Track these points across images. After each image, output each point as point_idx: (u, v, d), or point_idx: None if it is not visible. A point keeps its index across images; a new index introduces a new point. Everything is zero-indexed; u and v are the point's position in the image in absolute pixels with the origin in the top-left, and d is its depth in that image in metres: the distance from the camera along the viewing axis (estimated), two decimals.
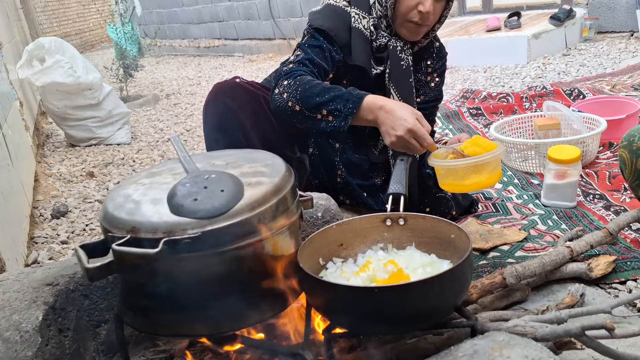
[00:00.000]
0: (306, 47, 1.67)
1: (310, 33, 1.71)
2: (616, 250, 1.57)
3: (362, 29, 1.72)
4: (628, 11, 4.97)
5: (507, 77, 4.41)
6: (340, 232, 1.30)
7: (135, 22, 10.04)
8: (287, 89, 1.54)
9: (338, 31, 1.70)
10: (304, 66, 1.62)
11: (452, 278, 1.03)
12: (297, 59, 1.64)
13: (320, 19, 1.72)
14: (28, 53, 3.78)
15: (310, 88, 1.52)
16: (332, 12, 1.73)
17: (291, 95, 1.53)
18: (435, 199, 1.89)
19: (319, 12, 1.75)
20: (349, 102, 1.48)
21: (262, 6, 8.26)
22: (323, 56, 1.67)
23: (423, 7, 1.61)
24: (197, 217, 1.01)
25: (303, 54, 1.65)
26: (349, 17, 1.72)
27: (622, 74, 3.74)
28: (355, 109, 1.48)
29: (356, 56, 1.71)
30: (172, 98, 5.69)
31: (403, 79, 1.76)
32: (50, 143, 4.28)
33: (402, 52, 1.75)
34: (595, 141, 2.29)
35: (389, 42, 1.73)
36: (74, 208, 2.79)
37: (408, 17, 1.66)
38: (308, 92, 1.52)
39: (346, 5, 1.74)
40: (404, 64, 1.76)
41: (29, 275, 1.36)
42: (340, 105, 1.48)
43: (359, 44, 1.72)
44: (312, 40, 1.69)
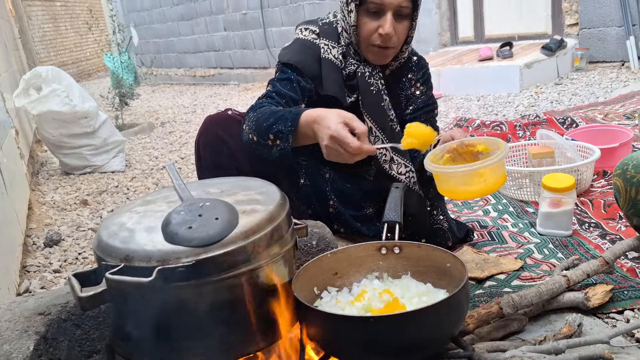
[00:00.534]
0: (274, 82, 1.70)
1: (279, 69, 1.73)
2: (613, 279, 1.56)
3: (332, 59, 1.73)
4: (618, 42, 5.04)
5: (501, 105, 4.45)
6: (335, 261, 1.30)
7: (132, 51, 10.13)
8: (249, 121, 1.55)
9: (306, 64, 1.71)
10: (270, 99, 1.63)
11: (448, 307, 1.02)
12: (263, 94, 1.67)
13: (288, 54, 1.73)
14: (25, 82, 3.80)
15: (262, 116, 1.51)
16: (300, 46, 1.75)
17: (250, 126, 1.54)
18: (431, 230, 1.88)
19: (289, 47, 1.77)
20: (288, 121, 1.45)
21: (258, 36, 8.35)
22: (291, 87, 1.67)
23: (383, 30, 1.61)
24: (191, 245, 1.00)
25: (271, 88, 1.68)
26: (318, 49, 1.74)
27: (614, 103, 3.78)
28: (294, 126, 1.44)
29: (327, 86, 1.71)
30: (167, 126, 5.71)
31: (375, 104, 1.76)
32: (45, 171, 4.27)
33: (370, 77, 1.75)
34: (590, 169, 2.30)
35: (357, 69, 1.74)
36: (67, 236, 2.77)
37: (371, 41, 1.66)
38: (260, 119, 1.51)
39: (315, 38, 1.76)
40: (374, 89, 1.75)
41: (21, 305, 1.34)
42: (281, 125, 1.46)
43: (330, 74, 1.72)
44: (281, 74, 1.71)
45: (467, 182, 1.31)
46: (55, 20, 13.12)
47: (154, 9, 10.30)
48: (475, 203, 2.40)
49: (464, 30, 6.28)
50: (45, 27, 12.45)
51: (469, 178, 1.30)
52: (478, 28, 6.13)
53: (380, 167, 1.79)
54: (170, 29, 10.15)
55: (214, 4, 8.96)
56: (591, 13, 5.16)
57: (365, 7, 1.62)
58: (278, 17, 7.93)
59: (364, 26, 1.64)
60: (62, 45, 13.28)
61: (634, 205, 1.56)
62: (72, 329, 1.33)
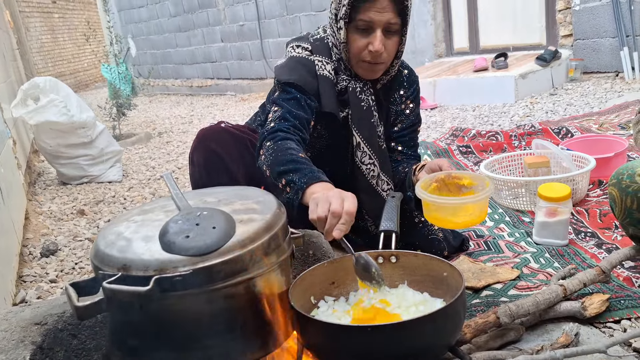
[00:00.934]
0: (281, 102, 1.68)
1: (281, 88, 1.72)
2: (609, 288, 1.57)
3: (327, 75, 1.74)
4: (612, 52, 5.08)
5: (496, 115, 4.47)
6: (332, 270, 1.30)
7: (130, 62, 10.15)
8: (266, 152, 1.54)
9: (307, 81, 1.71)
10: (285, 121, 1.61)
11: (445, 317, 1.02)
12: (276, 116, 1.64)
13: (287, 73, 1.72)
14: (23, 92, 3.80)
15: (281, 155, 1.50)
16: (296, 64, 1.74)
17: (266, 160, 1.53)
18: (427, 240, 1.88)
19: (285, 65, 1.76)
20: (303, 178, 1.42)
21: (255, 47, 8.38)
22: (300, 106, 1.67)
23: (372, 47, 1.62)
24: (188, 254, 1.00)
25: (281, 109, 1.65)
26: (313, 66, 1.74)
27: (609, 113, 3.80)
28: (307, 186, 1.41)
29: (325, 103, 1.72)
30: (164, 136, 5.72)
31: (364, 120, 1.77)
32: (42, 181, 4.26)
33: (361, 93, 1.76)
34: (585, 179, 2.31)
35: (348, 84, 1.75)
36: (63, 246, 2.77)
37: (360, 57, 1.68)
38: (277, 159, 1.50)
39: (309, 55, 1.76)
40: (364, 104, 1.77)
41: (17, 315, 1.34)
42: (296, 177, 1.44)
43: (326, 90, 1.73)
44: (285, 94, 1.69)
45: (454, 214, 1.41)
46: (53, 31, 13.17)
47: (152, 21, 10.34)
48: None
49: (459, 41, 6.32)
50: (43, 39, 12.50)
51: (457, 210, 1.41)
52: (473, 39, 6.17)
53: (367, 183, 1.80)
54: (167, 40, 10.19)
55: (211, 16, 9.00)
56: (585, 24, 5.20)
57: (354, 24, 1.63)
58: (275, 28, 7.97)
59: (353, 43, 1.66)
60: (59, 56, 13.32)
61: (630, 214, 1.57)
62: (68, 339, 1.32)
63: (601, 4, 5.03)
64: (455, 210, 1.42)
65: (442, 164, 1.57)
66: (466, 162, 3.10)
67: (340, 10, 1.62)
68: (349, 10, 1.60)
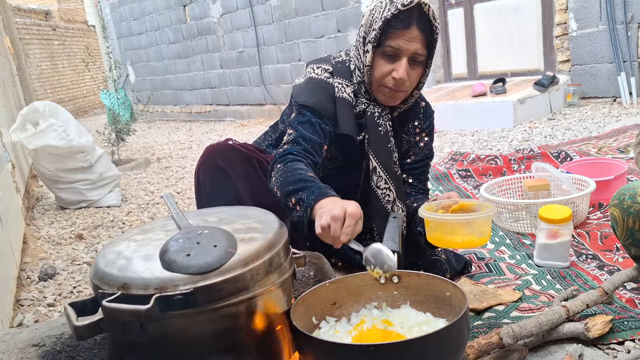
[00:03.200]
0: (296, 125, 1.69)
1: (297, 110, 1.73)
2: (612, 310, 1.55)
3: (346, 97, 1.74)
4: (609, 78, 5.12)
5: (495, 140, 4.49)
6: (334, 291, 1.29)
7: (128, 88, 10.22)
8: (276, 174, 1.56)
9: (323, 105, 1.72)
10: (297, 145, 1.63)
11: (449, 336, 1.01)
12: (289, 139, 1.66)
13: (304, 95, 1.73)
14: (22, 117, 3.81)
15: (290, 176, 1.51)
16: (315, 86, 1.75)
17: (276, 181, 1.54)
18: (429, 261, 1.87)
19: (303, 87, 1.77)
20: (311, 195, 1.44)
21: (254, 73, 8.45)
22: (314, 130, 1.68)
23: (397, 74, 1.63)
24: (189, 272, 0.99)
25: (295, 133, 1.67)
26: (332, 89, 1.74)
27: (608, 137, 3.82)
28: (316, 202, 1.41)
29: (343, 125, 1.72)
30: (163, 161, 5.72)
31: (381, 144, 1.77)
32: (40, 206, 4.25)
33: (380, 117, 1.76)
34: (585, 201, 2.31)
35: (367, 107, 1.76)
36: (61, 270, 2.75)
37: (383, 83, 1.69)
38: (286, 179, 1.51)
39: (328, 77, 1.76)
40: (382, 129, 1.77)
41: (15, 336, 1.32)
42: (304, 195, 1.45)
43: (345, 112, 1.73)
44: (300, 117, 1.70)
45: (453, 232, 1.42)
46: (52, 58, 13.28)
47: (151, 47, 10.43)
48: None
49: (458, 67, 6.37)
50: (43, 65, 12.59)
51: (455, 228, 1.42)
52: (471, 65, 6.22)
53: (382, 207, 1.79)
54: (166, 66, 10.26)
55: (210, 42, 9.09)
56: (582, 50, 5.25)
57: (382, 49, 1.64)
58: (274, 55, 8.03)
59: (378, 67, 1.66)
60: (59, 83, 13.41)
61: (632, 235, 1.56)
62: None
63: (598, 30, 5.09)
64: (454, 228, 1.42)
65: (452, 195, 1.60)
66: (466, 186, 3.10)
67: (370, 34, 1.64)
68: (379, 35, 1.61)
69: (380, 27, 1.60)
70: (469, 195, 3.00)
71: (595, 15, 5.07)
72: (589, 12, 5.11)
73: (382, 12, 1.60)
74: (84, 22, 16.31)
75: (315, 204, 1.40)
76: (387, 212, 1.77)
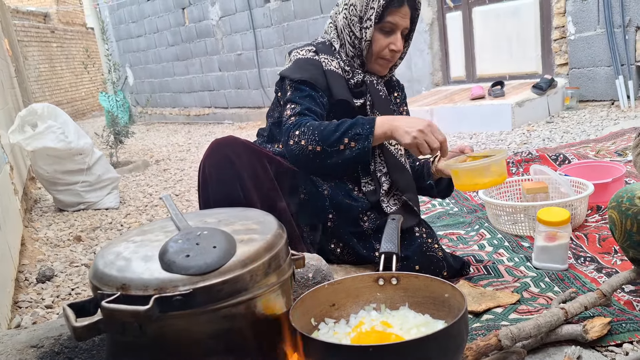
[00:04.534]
0: (298, 99, 1.82)
1: (294, 87, 1.86)
2: (610, 312, 1.56)
3: (334, 69, 1.90)
4: (607, 81, 5.14)
5: (493, 143, 4.50)
6: (332, 292, 1.29)
7: (127, 91, 10.22)
8: (303, 136, 1.70)
9: (317, 79, 1.86)
10: (305, 116, 1.76)
11: (448, 337, 1.01)
12: (296, 112, 1.78)
13: (298, 72, 1.87)
14: (20, 118, 3.81)
15: (324, 129, 1.69)
16: (304, 63, 1.90)
17: (309, 140, 1.69)
18: (425, 257, 1.89)
19: (294, 66, 1.90)
20: (365, 125, 1.68)
21: (252, 76, 8.46)
22: (315, 103, 1.82)
23: (395, 47, 1.86)
24: (188, 273, 0.99)
25: (299, 106, 1.79)
26: (320, 64, 1.89)
27: (606, 141, 3.83)
28: (373, 128, 1.68)
29: (337, 93, 1.87)
30: (161, 164, 5.72)
31: (385, 107, 1.96)
32: (38, 208, 4.25)
33: (377, 84, 1.97)
34: (584, 204, 2.32)
35: (364, 78, 1.94)
36: (60, 272, 2.74)
37: (381, 55, 1.89)
38: (324, 132, 1.69)
39: (313, 55, 1.91)
40: (382, 94, 1.97)
41: (13, 337, 1.32)
42: (358, 129, 1.68)
43: (335, 82, 1.88)
44: (299, 92, 1.84)
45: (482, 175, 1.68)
46: (51, 60, 13.28)
47: (150, 50, 10.44)
48: (470, 238, 2.40)
49: (456, 70, 6.39)
50: (41, 67, 12.59)
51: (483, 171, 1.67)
52: (470, 68, 6.24)
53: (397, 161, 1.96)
54: (165, 69, 10.27)
55: (209, 45, 9.10)
56: (580, 53, 5.27)
57: (380, 25, 1.84)
58: (272, 57, 8.05)
59: (377, 42, 1.86)
60: (57, 85, 13.40)
61: (630, 237, 1.57)
62: None
63: (596, 34, 5.11)
64: (482, 171, 1.66)
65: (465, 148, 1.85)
66: None
67: (368, 13, 1.82)
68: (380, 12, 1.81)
69: (383, 5, 1.79)
70: (467, 197, 3.00)
71: (593, 19, 5.09)
72: (586, 16, 5.13)
73: None
74: (82, 25, 16.34)
75: (374, 130, 1.68)
76: (403, 166, 1.97)
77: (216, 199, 1.73)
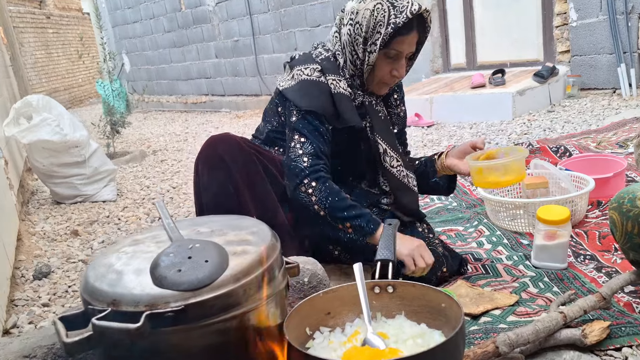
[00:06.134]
0: (307, 133, 1.76)
1: (301, 115, 1.78)
2: (610, 314, 1.54)
3: (343, 92, 1.81)
4: (609, 69, 5.09)
5: (493, 133, 4.46)
6: (328, 301, 1.27)
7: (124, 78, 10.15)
8: (316, 193, 1.70)
9: (326, 106, 1.79)
10: (319, 159, 1.74)
11: (444, 352, 0.99)
12: (308, 151, 1.74)
13: (305, 99, 1.78)
14: (15, 111, 3.78)
15: (337, 200, 1.70)
16: (311, 87, 1.80)
17: (320, 202, 1.70)
18: None
19: (299, 90, 1.80)
20: (370, 224, 1.69)
21: (249, 63, 8.39)
22: (323, 140, 1.78)
23: (398, 74, 1.80)
24: (180, 289, 0.98)
25: (309, 144, 1.75)
26: (327, 87, 1.80)
27: (607, 131, 3.80)
28: (375, 231, 1.68)
29: (348, 119, 1.80)
30: (159, 154, 5.69)
31: (385, 128, 1.93)
32: (35, 200, 4.23)
33: (377, 105, 1.92)
34: (584, 200, 2.29)
35: (364, 99, 1.88)
36: (56, 268, 2.73)
37: (383, 80, 1.83)
38: (335, 204, 1.70)
39: (319, 76, 1.81)
40: (381, 115, 1.93)
41: (6, 347, 1.31)
42: (363, 223, 1.68)
43: (345, 106, 1.80)
44: (307, 124, 1.77)
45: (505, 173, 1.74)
46: (47, 47, 13.17)
47: (146, 36, 10.36)
48: (469, 235, 2.38)
49: (456, 57, 6.33)
50: (38, 54, 12.49)
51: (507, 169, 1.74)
52: (470, 55, 6.18)
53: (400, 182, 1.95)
54: (161, 55, 10.20)
55: (205, 31, 9.02)
56: (582, 41, 5.22)
57: (386, 51, 1.76)
58: (269, 44, 7.98)
59: (380, 67, 1.79)
60: (54, 72, 13.31)
61: (630, 239, 1.54)
62: None
63: (598, 21, 5.05)
64: (504, 169, 1.73)
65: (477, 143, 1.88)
66: (463, 182, 3.08)
67: (374, 36, 1.73)
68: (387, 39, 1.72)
69: (390, 34, 1.70)
70: (467, 191, 2.98)
71: (596, 5, 5.03)
72: (589, 2, 5.07)
73: (388, 18, 1.70)
74: (78, 10, 16.22)
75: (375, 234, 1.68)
76: (406, 185, 1.96)
77: (208, 198, 1.74)
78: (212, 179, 1.73)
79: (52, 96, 11.69)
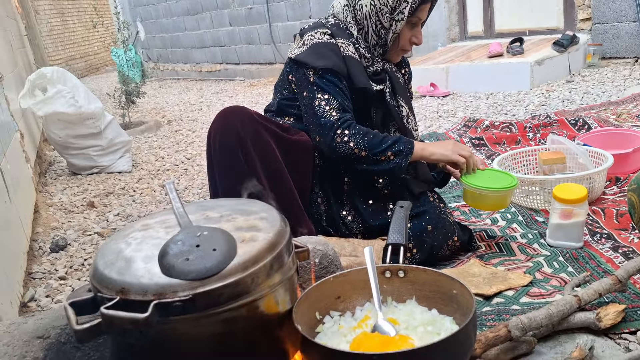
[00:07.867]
0: (330, 90, 1.83)
1: (319, 75, 1.85)
2: (626, 297, 1.52)
3: (352, 55, 1.89)
4: (632, 37, 4.95)
5: (510, 104, 4.39)
6: (338, 285, 1.26)
7: (139, 46, 10.11)
8: (352, 139, 1.79)
9: (339, 65, 1.86)
10: (345, 112, 1.83)
11: (456, 343, 0.99)
12: (334, 106, 1.82)
13: (320, 59, 1.85)
14: (30, 83, 3.78)
15: (373, 137, 1.80)
16: (324, 49, 1.87)
17: (358, 145, 1.78)
18: (439, 218, 1.91)
19: (313, 52, 1.87)
20: (407, 144, 1.81)
21: (263, 31, 8.30)
22: (345, 96, 1.85)
23: (417, 40, 1.95)
24: (188, 278, 0.97)
25: (334, 100, 1.82)
26: (338, 49, 1.89)
27: (628, 103, 3.71)
28: (412, 149, 1.81)
29: (358, 80, 1.87)
30: (173, 124, 5.69)
31: (404, 92, 2.05)
32: (52, 171, 4.26)
33: (396, 72, 2.04)
34: (602, 177, 2.25)
35: (384, 66, 1.97)
36: (73, 241, 2.76)
37: (404, 47, 1.96)
38: (373, 141, 1.79)
39: (330, 39, 1.89)
40: (401, 81, 2.05)
41: (20, 327, 1.32)
42: (401, 147, 1.80)
43: (356, 68, 1.88)
44: (327, 82, 1.84)
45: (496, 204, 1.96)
46: (62, 14, 13.13)
47: (160, 4, 10.25)
48: (483, 211, 2.35)
49: (474, 24, 6.20)
50: (53, 22, 12.46)
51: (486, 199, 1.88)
52: (488, 23, 6.05)
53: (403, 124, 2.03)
54: (176, 23, 10.11)
55: None
56: (604, 8, 5.07)
57: (409, 19, 1.88)
58: (283, 11, 7.87)
59: (404, 35, 1.92)
60: (69, 39, 13.29)
61: None
62: (72, 351, 1.30)
63: None
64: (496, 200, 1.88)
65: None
66: (479, 155, 3.04)
67: (401, 5, 1.84)
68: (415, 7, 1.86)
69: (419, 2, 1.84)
70: None
71: None
72: None
73: None
74: None
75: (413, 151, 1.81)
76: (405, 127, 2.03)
77: (220, 169, 1.76)
78: (224, 150, 1.74)
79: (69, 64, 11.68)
